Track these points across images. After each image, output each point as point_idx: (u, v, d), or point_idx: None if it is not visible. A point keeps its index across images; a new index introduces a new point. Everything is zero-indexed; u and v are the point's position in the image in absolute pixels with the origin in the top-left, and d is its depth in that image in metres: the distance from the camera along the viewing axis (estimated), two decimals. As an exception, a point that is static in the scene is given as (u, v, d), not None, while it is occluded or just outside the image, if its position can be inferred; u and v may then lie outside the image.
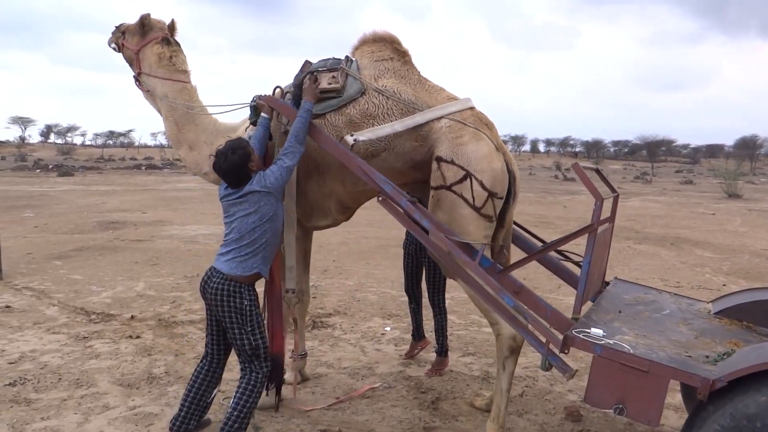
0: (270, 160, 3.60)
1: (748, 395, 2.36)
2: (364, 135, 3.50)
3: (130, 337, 5.36)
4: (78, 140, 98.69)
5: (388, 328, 5.85)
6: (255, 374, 3.30)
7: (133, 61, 4.13)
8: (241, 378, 3.33)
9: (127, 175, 32.02)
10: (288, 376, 4.35)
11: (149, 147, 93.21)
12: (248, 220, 3.22)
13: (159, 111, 4.13)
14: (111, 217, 13.47)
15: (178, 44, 4.14)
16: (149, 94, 4.15)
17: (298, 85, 3.64)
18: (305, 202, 3.86)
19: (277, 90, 3.73)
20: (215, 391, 3.54)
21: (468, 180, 3.34)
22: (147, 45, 4.05)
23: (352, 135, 3.50)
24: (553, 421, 3.91)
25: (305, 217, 3.95)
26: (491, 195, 3.38)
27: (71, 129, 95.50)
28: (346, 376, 4.57)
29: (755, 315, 3.38)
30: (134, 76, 4.17)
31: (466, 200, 3.35)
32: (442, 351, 4.76)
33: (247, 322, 3.23)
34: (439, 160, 3.42)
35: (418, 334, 5.01)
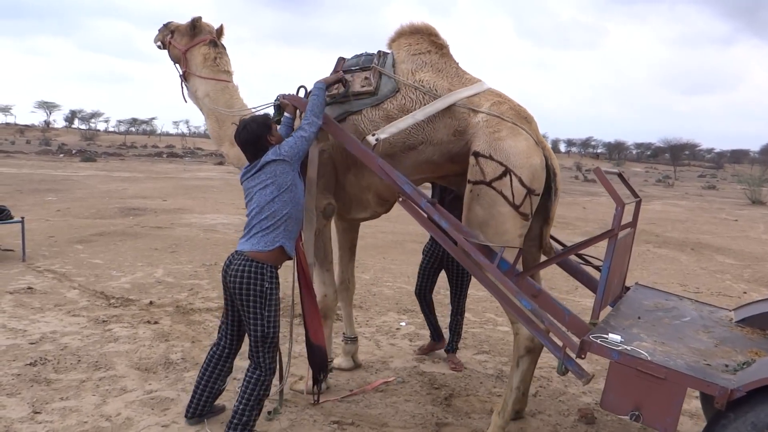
0: None
1: None
2: (386, 132, 3.49)
3: (149, 322, 5.43)
4: (101, 126, 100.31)
5: (403, 323, 5.86)
6: (260, 369, 3.25)
7: (180, 60, 4.23)
8: (247, 369, 3.31)
9: (148, 163, 32.37)
10: (341, 361, 4.55)
11: (171, 135, 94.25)
12: (266, 192, 3.18)
13: (201, 109, 4.22)
14: (132, 204, 13.64)
15: (224, 47, 4.26)
16: (193, 92, 4.25)
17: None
18: (344, 196, 3.89)
19: (301, 89, 3.74)
20: (228, 380, 3.56)
21: (508, 176, 3.27)
22: (195, 46, 4.16)
23: (373, 135, 3.49)
24: (566, 422, 3.90)
25: (345, 210, 3.98)
26: (529, 192, 3.31)
27: (95, 115, 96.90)
28: (360, 370, 4.59)
29: None
30: (181, 75, 4.27)
31: (506, 198, 3.28)
32: (454, 348, 4.84)
33: (265, 307, 3.19)
34: (477, 155, 3.35)
35: (437, 335, 5.00)
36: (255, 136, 3.25)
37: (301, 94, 3.71)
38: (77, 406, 3.73)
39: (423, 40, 3.72)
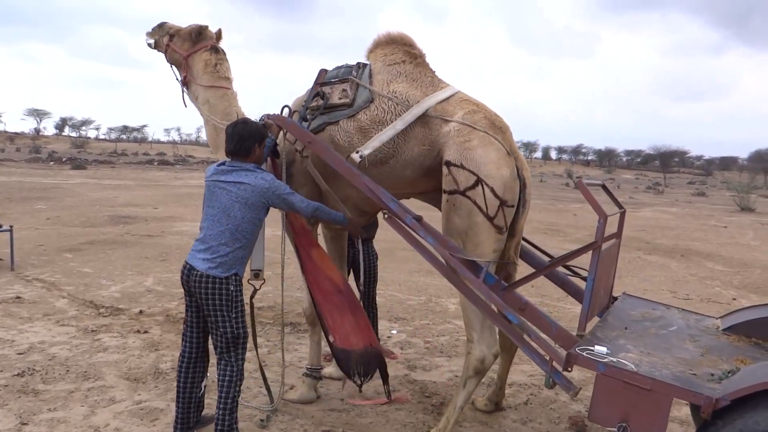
0: (279, 178, 3.63)
1: (758, 411, 2.34)
2: (369, 147, 3.47)
3: (138, 331, 5.41)
4: (92, 134, 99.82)
5: (394, 331, 5.86)
6: (232, 367, 3.29)
7: (181, 65, 4.21)
8: (218, 373, 3.32)
9: (139, 170, 32.24)
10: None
11: (162, 143, 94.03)
12: (233, 211, 3.18)
13: (202, 115, 4.22)
14: (122, 212, 13.58)
15: (224, 53, 4.26)
16: (194, 98, 4.25)
17: (309, 102, 3.71)
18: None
19: (285, 109, 3.75)
20: (203, 385, 3.54)
21: (479, 186, 3.27)
22: (196, 52, 4.15)
23: (357, 152, 3.47)
24: (557, 430, 3.91)
25: None
26: (502, 203, 3.30)
27: (85, 122, 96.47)
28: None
29: (765, 331, 3.35)
30: (181, 80, 4.25)
31: (479, 207, 3.27)
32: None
33: (232, 309, 3.22)
34: (449, 164, 3.35)
35: None
36: (249, 135, 3.28)
37: (285, 113, 3.71)
38: (65, 417, 3.70)
39: (398, 50, 3.73)
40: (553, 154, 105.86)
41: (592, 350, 2.81)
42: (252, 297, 3.68)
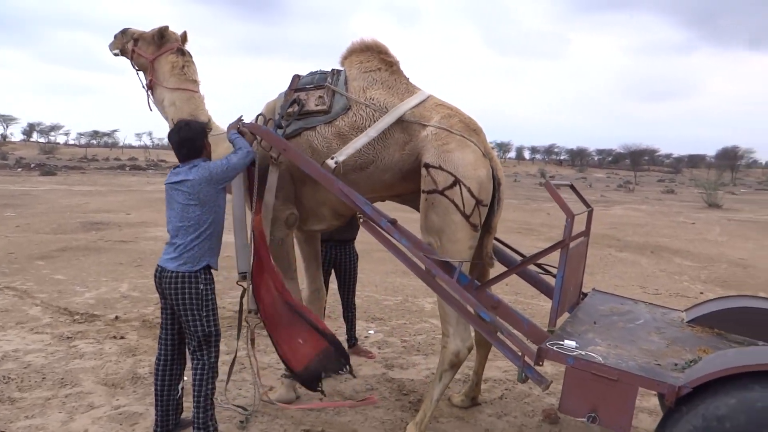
0: (251, 186, 3.67)
1: (718, 398, 2.47)
2: (344, 154, 3.53)
3: (114, 337, 5.38)
4: (61, 139, 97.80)
5: (371, 331, 5.92)
6: (203, 363, 3.36)
7: (147, 69, 4.19)
8: (193, 371, 3.38)
9: (110, 176, 31.77)
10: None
11: (133, 147, 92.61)
12: (189, 210, 3.26)
13: (166, 118, 4.20)
14: (94, 218, 13.40)
15: (190, 55, 4.25)
16: (159, 101, 4.22)
17: (283, 109, 3.72)
18: (301, 208, 3.93)
19: (260, 117, 3.79)
20: (180, 387, 3.58)
21: (458, 186, 3.39)
22: (162, 55, 4.14)
23: (332, 158, 3.52)
24: (531, 423, 4.01)
25: (301, 221, 4.01)
26: (478, 203, 3.43)
27: (54, 128, 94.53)
28: (330, 378, 4.62)
29: (726, 322, 3.49)
30: (146, 84, 4.23)
31: (457, 206, 3.39)
32: (355, 341, 5.31)
33: (202, 307, 3.29)
34: (428, 166, 3.45)
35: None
36: (196, 135, 3.37)
37: (260, 121, 3.76)
38: (43, 424, 3.69)
39: (373, 57, 3.81)
40: (527, 154, 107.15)
41: (562, 344, 2.92)
42: (242, 297, 3.68)
